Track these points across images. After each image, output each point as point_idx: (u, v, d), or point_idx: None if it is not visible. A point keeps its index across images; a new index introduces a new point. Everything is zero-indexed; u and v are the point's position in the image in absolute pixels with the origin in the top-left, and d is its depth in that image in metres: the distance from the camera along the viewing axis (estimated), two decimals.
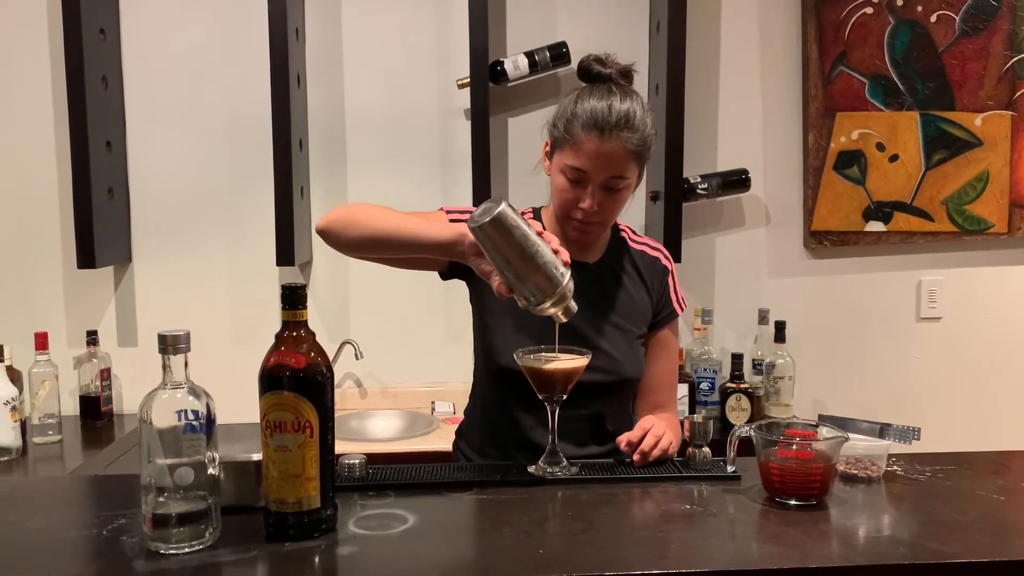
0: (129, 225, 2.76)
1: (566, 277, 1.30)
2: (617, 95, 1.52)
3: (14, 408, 2.26)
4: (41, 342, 2.48)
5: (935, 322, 2.96)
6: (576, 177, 1.53)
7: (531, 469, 1.44)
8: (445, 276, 1.63)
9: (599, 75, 1.57)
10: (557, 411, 1.44)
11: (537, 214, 1.69)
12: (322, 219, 1.51)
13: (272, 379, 1.14)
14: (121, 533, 1.18)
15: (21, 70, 2.69)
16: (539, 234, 1.30)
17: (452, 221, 1.56)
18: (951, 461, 1.51)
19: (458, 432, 1.79)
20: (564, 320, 1.35)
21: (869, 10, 2.80)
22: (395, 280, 2.70)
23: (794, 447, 1.30)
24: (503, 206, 1.26)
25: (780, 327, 2.76)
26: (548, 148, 1.61)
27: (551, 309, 1.32)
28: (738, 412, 2.66)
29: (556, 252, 1.30)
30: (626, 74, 1.59)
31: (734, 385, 2.67)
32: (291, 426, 1.13)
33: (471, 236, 1.32)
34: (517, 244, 1.27)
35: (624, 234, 1.71)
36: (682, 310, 1.72)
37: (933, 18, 2.82)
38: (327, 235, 1.51)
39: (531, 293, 1.30)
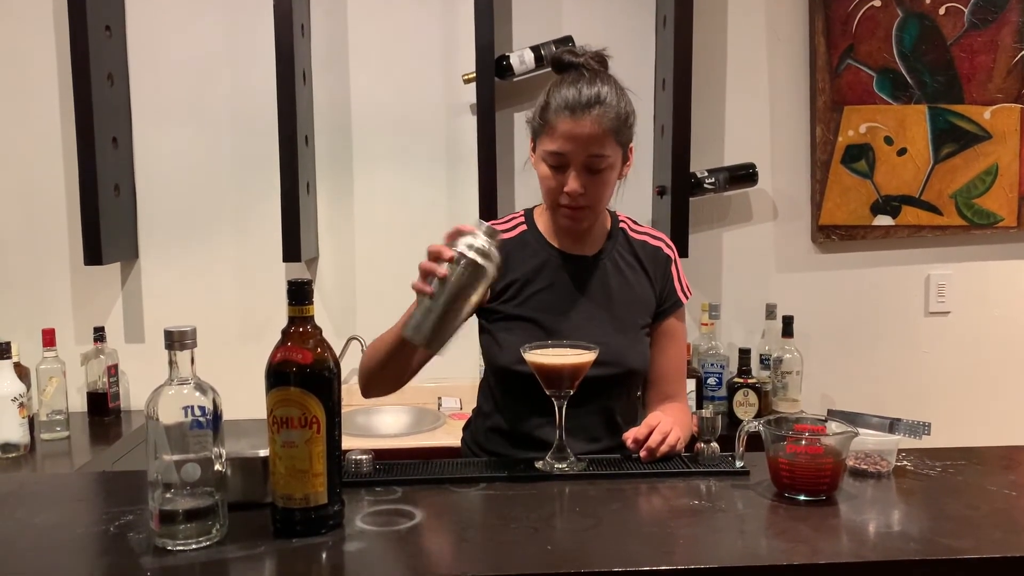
0: (136, 222, 2.77)
1: (456, 273, 1.33)
2: (587, 78, 1.53)
3: (22, 404, 2.27)
4: (49, 339, 2.49)
5: (944, 316, 2.95)
6: (556, 162, 1.53)
7: (538, 465, 1.43)
8: None
9: (571, 64, 1.57)
10: (564, 406, 1.43)
11: (529, 216, 1.69)
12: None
13: (279, 375, 1.14)
14: (128, 529, 1.18)
15: (27, 68, 2.70)
16: (410, 312, 1.37)
17: None
18: (961, 456, 1.50)
19: (466, 427, 1.79)
20: (494, 268, 1.35)
21: (877, 3, 2.79)
22: (402, 275, 2.67)
23: (803, 442, 1.29)
24: (409, 333, 1.37)
25: (788, 322, 2.75)
26: (532, 144, 1.61)
27: (484, 284, 1.34)
28: (745, 407, 2.65)
29: (445, 276, 1.34)
30: (599, 59, 1.58)
31: (741, 380, 2.66)
32: (298, 422, 1.13)
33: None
34: (451, 315, 1.35)
35: (624, 225, 1.70)
36: (687, 298, 1.71)
37: (941, 11, 2.80)
38: (370, 396, 1.67)
39: (483, 296, 1.36)
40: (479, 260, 1.32)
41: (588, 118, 1.50)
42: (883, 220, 2.87)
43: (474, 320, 1.68)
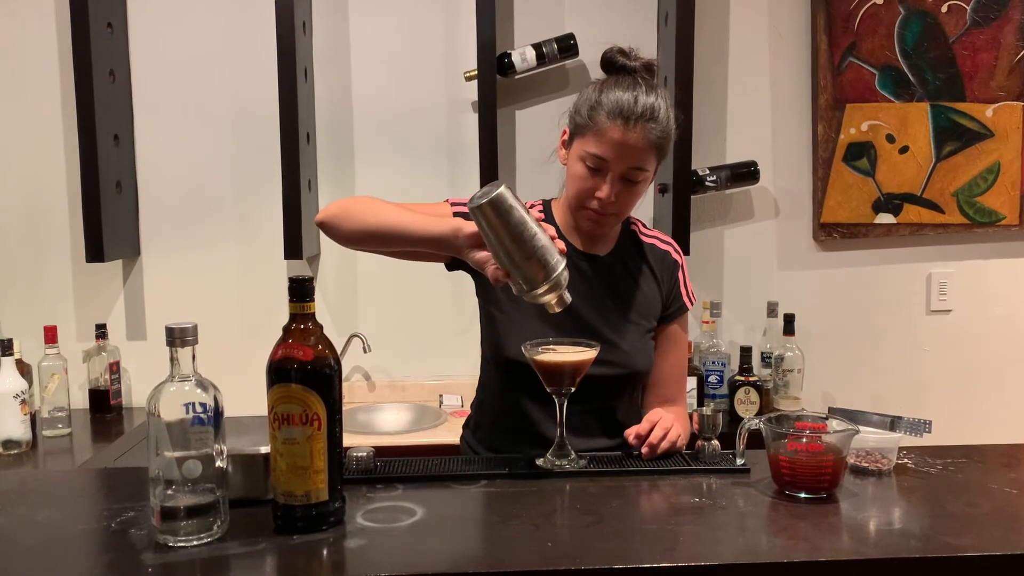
0: (137, 219, 2.77)
1: (561, 265, 1.30)
2: (643, 87, 1.52)
3: (24, 401, 2.27)
4: (50, 336, 2.49)
5: (945, 315, 2.95)
6: (596, 165, 1.52)
7: (539, 462, 1.43)
8: (451, 267, 1.62)
9: (624, 67, 1.57)
10: (565, 404, 1.43)
11: (547, 206, 1.69)
12: (321, 211, 1.53)
13: (280, 372, 1.14)
14: (130, 526, 1.18)
15: (29, 64, 2.70)
16: (537, 221, 1.29)
17: (456, 214, 1.56)
18: (962, 454, 1.50)
19: (465, 425, 1.79)
20: (557, 310, 1.34)
21: (879, 0, 2.78)
22: (403, 273, 2.70)
23: (804, 440, 1.29)
24: (503, 188, 1.26)
25: (789, 320, 2.75)
26: (566, 137, 1.60)
27: (545, 296, 1.31)
28: (747, 405, 2.65)
29: (553, 239, 1.30)
30: (649, 69, 1.59)
31: (743, 378, 2.66)
32: (299, 419, 1.13)
33: (465, 230, 1.32)
34: (515, 226, 1.26)
35: (635, 227, 1.70)
36: (691, 304, 1.71)
37: (944, 8, 2.80)
38: (325, 227, 1.53)
39: (525, 279, 1.29)
40: (550, 277, 1.28)
41: (639, 130, 1.49)
42: (885, 218, 2.87)
43: (477, 312, 1.68)
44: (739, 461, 1.42)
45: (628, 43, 1.62)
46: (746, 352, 2.69)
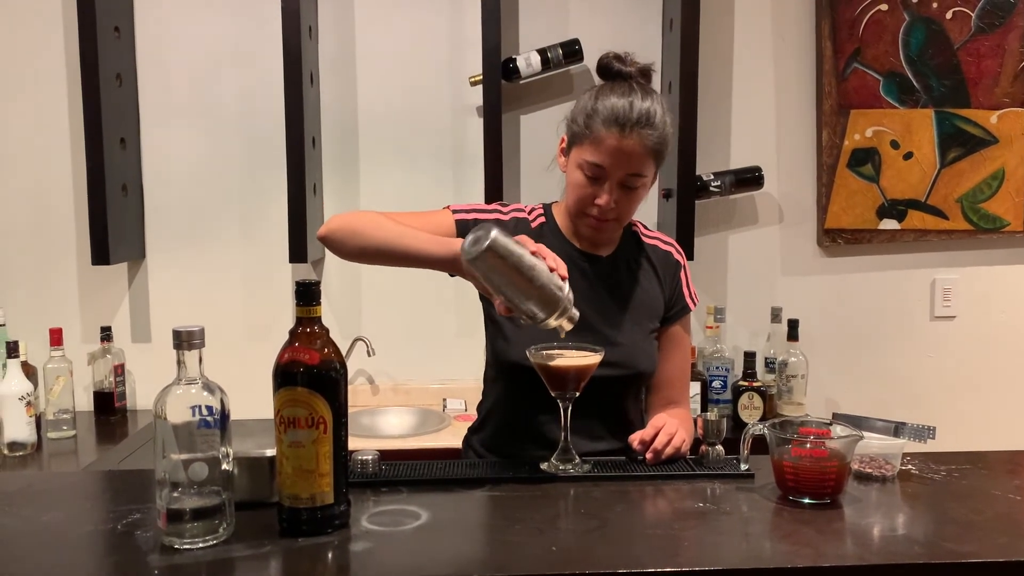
0: (143, 222, 2.77)
1: (564, 291, 1.30)
2: (638, 93, 1.53)
3: (29, 403, 2.28)
4: (56, 338, 2.50)
5: (949, 321, 2.95)
6: (594, 174, 1.53)
7: (544, 466, 1.44)
8: (453, 273, 1.63)
9: (619, 73, 1.57)
10: (570, 408, 1.44)
11: (548, 210, 1.69)
12: (324, 226, 1.53)
13: (286, 375, 1.14)
14: (135, 528, 1.18)
15: (36, 68, 2.71)
16: (534, 253, 1.30)
17: (458, 221, 1.58)
18: (966, 460, 1.50)
19: (470, 429, 1.79)
20: (568, 328, 1.34)
21: (884, 7, 2.79)
22: (407, 277, 2.70)
23: (808, 445, 1.29)
24: (494, 234, 1.25)
25: (793, 325, 2.74)
26: (564, 144, 1.61)
27: (554, 323, 1.32)
28: (750, 410, 2.65)
29: (552, 269, 1.30)
30: (645, 73, 1.59)
31: (746, 383, 2.66)
32: (305, 422, 1.13)
33: None
34: (513, 269, 1.27)
35: (636, 228, 1.71)
36: (694, 305, 1.72)
37: (948, 15, 2.80)
38: (328, 243, 1.53)
39: (532, 313, 1.30)
40: (557, 307, 1.29)
41: (635, 137, 1.50)
42: (889, 224, 2.87)
43: (481, 315, 1.68)
44: (743, 466, 1.42)
45: (633, 48, 1.63)
46: (750, 357, 2.69)
